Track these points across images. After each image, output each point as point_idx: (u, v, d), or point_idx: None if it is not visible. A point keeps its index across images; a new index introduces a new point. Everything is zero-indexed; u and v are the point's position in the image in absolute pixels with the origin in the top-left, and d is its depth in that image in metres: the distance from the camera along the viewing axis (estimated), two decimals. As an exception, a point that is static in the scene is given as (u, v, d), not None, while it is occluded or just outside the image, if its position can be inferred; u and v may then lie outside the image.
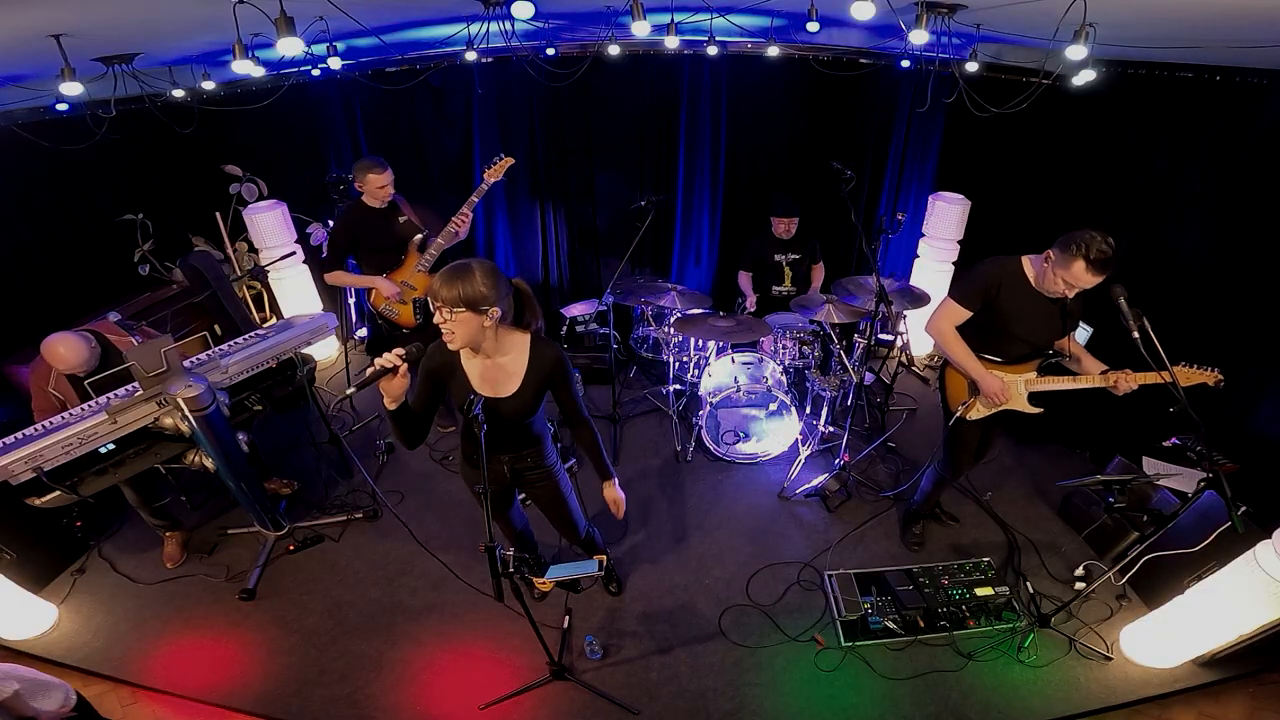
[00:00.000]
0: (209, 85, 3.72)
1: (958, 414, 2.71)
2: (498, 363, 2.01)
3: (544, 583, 2.48)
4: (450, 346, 1.90)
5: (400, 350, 1.81)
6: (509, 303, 1.93)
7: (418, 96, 4.71)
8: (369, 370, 1.79)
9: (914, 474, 3.53)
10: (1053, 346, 2.61)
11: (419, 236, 3.54)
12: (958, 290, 2.56)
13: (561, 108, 4.85)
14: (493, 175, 3.42)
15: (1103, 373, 2.46)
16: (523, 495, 3.19)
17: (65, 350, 2.63)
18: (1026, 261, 2.45)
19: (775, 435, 3.87)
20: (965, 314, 2.52)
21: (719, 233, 5.33)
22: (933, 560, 3.15)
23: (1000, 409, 2.65)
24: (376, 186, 3.35)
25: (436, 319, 1.82)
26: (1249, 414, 3.27)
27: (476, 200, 3.43)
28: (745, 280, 4.61)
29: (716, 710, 2.56)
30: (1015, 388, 2.60)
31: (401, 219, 3.53)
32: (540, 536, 2.97)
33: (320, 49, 3.38)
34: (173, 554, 3.22)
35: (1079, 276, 2.22)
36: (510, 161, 3.45)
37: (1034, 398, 2.62)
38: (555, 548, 3.23)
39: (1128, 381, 2.38)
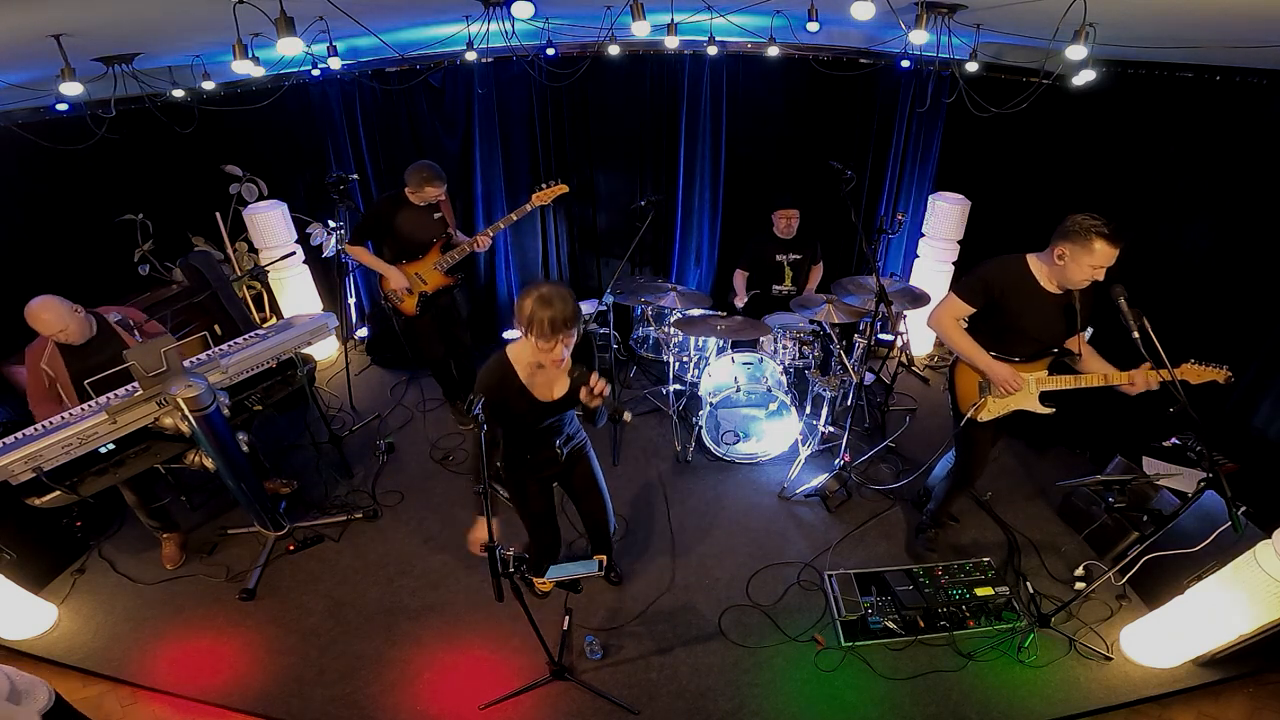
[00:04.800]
0: (209, 85, 3.72)
1: (969, 415, 2.68)
2: (550, 372, 2.08)
3: (544, 583, 2.47)
4: (560, 367, 2.02)
5: (598, 381, 1.97)
6: None
7: (418, 96, 4.70)
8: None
9: (914, 473, 3.54)
10: (1061, 344, 2.59)
11: (445, 235, 3.66)
12: (960, 285, 2.57)
13: (562, 108, 4.85)
14: (540, 199, 3.49)
15: (1124, 371, 2.42)
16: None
17: (47, 314, 2.60)
18: (1032, 259, 2.44)
19: (775, 435, 3.87)
20: (967, 309, 2.52)
21: (719, 233, 5.33)
22: (933, 560, 3.15)
23: (1012, 409, 2.64)
24: (434, 196, 3.48)
25: (553, 354, 1.92)
26: (1249, 414, 3.27)
27: (516, 218, 3.52)
28: (740, 279, 4.61)
29: (716, 710, 2.56)
30: (1027, 385, 2.59)
31: (436, 215, 3.62)
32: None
33: (320, 49, 3.38)
34: (172, 556, 3.22)
35: (1104, 255, 2.20)
36: (564, 189, 3.51)
37: (1046, 397, 2.62)
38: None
39: (1146, 379, 2.34)
